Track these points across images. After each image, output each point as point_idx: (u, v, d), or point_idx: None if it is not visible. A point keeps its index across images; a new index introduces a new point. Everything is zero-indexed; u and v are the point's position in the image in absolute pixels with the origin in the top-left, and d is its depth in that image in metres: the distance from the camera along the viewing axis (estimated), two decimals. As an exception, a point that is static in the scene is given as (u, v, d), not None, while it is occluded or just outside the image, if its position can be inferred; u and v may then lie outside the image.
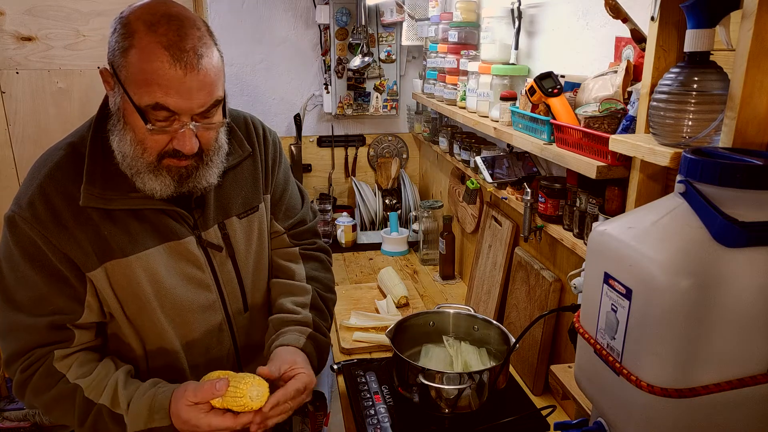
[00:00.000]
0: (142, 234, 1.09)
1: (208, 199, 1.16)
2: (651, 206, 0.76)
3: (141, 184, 1.05)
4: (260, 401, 1.02)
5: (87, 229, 1.04)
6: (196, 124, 1.01)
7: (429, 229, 2.39)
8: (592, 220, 1.22)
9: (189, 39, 0.97)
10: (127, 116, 1.01)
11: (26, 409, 2.60)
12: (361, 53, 2.70)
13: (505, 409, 1.37)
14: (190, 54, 0.96)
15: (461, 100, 1.91)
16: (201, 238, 1.15)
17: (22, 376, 1.06)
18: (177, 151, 1.03)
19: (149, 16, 0.97)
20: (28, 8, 2.31)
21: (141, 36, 0.95)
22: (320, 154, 2.94)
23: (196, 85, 0.97)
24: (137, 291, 1.09)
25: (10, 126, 2.40)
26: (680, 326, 0.64)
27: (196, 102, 0.99)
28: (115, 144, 1.04)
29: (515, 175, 1.62)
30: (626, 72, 1.13)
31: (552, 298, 1.47)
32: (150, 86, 0.96)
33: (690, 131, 0.84)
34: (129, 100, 0.98)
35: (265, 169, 1.29)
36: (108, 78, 1.02)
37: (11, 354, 1.07)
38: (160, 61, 0.94)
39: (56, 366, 1.06)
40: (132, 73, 0.96)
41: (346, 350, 1.73)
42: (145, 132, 1.00)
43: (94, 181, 1.04)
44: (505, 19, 1.66)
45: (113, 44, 0.99)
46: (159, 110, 0.98)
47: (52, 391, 1.06)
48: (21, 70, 2.36)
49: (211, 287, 1.18)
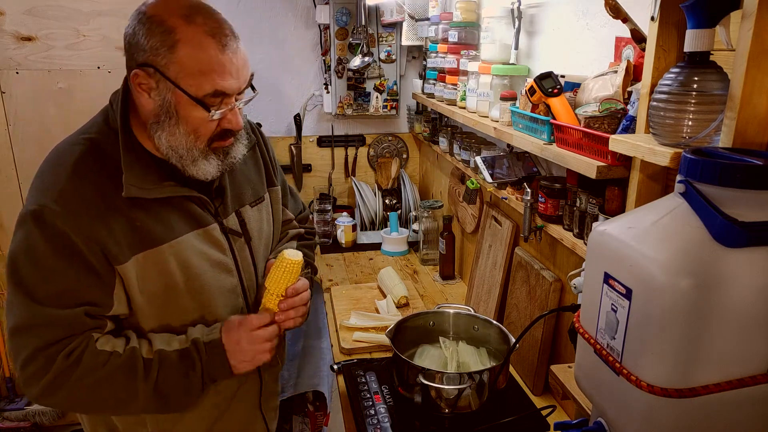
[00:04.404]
0: (174, 222, 1.11)
1: (226, 187, 1.21)
2: (651, 206, 0.76)
3: (194, 170, 1.09)
4: (298, 257, 1.19)
5: (120, 220, 1.05)
6: (239, 101, 1.08)
7: (429, 229, 2.39)
8: (592, 220, 1.23)
9: (222, 23, 1.03)
10: (180, 110, 1.03)
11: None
12: (361, 53, 2.70)
13: (505, 409, 1.37)
14: (230, 37, 1.03)
15: (461, 100, 1.91)
16: (223, 225, 1.19)
17: (66, 362, 1.02)
18: (225, 132, 1.09)
19: (179, 9, 1.00)
20: (28, 8, 2.30)
21: (183, 30, 0.99)
22: (320, 154, 2.94)
23: (241, 64, 1.05)
24: (167, 279, 1.10)
25: (10, 126, 2.40)
26: (680, 326, 0.64)
27: (242, 80, 1.06)
28: (164, 140, 1.06)
29: (515, 175, 1.62)
30: (626, 72, 1.13)
31: (552, 298, 1.47)
32: (207, 75, 1.00)
33: (690, 131, 0.84)
34: (184, 94, 1.01)
35: (268, 161, 1.36)
36: (144, 80, 1.02)
37: (40, 346, 1.02)
38: (212, 49, 1.00)
39: (99, 346, 1.05)
40: (185, 66, 1.00)
41: (346, 350, 1.73)
42: (202, 121, 1.05)
43: (133, 173, 1.06)
44: (505, 19, 1.66)
45: (153, 45, 1.00)
46: (216, 96, 1.03)
47: (107, 367, 1.04)
48: (21, 70, 2.36)
49: (233, 272, 1.22)
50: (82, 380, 1.04)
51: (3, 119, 2.39)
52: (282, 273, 1.18)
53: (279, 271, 1.19)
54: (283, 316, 1.20)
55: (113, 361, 1.05)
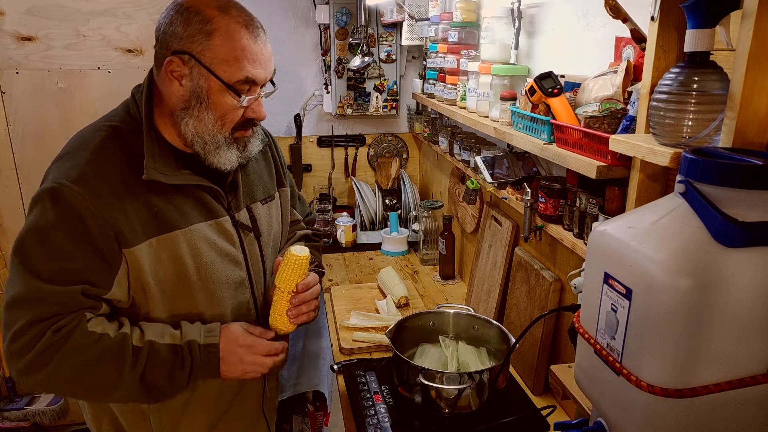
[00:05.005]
0: (189, 210, 1.13)
1: (239, 182, 1.23)
2: (651, 206, 0.76)
3: (216, 158, 1.13)
4: (305, 252, 1.22)
5: (137, 203, 1.07)
6: (263, 91, 1.14)
7: (429, 229, 2.39)
8: (592, 220, 1.23)
9: (253, 17, 1.11)
10: (211, 96, 1.08)
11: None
12: (361, 53, 2.70)
13: (505, 409, 1.37)
14: (260, 29, 1.11)
15: (461, 100, 1.91)
16: (234, 219, 1.21)
17: (54, 337, 1.02)
18: (248, 121, 1.14)
19: (214, 1, 1.07)
20: (28, 8, 2.30)
21: (219, 20, 1.06)
22: (320, 154, 2.94)
23: (268, 56, 1.13)
24: (179, 266, 1.11)
25: (10, 126, 2.40)
26: (680, 326, 0.64)
27: (269, 71, 1.13)
28: (191, 126, 1.10)
29: (515, 175, 1.62)
30: (626, 72, 1.13)
31: (552, 298, 1.47)
32: (240, 62, 1.07)
33: (690, 131, 0.84)
34: (217, 80, 1.07)
35: (278, 162, 1.39)
36: (178, 67, 1.07)
37: (33, 320, 1.02)
38: (246, 38, 1.07)
39: (89, 327, 1.05)
40: (221, 53, 1.06)
41: (346, 350, 1.73)
42: (230, 107, 1.09)
43: (154, 157, 1.09)
44: (505, 19, 1.66)
45: (190, 32, 1.05)
46: (246, 84, 1.09)
47: (96, 348, 1.04)
48: (21, 70, 2.36)
49: (242, 265, 1.23)
50: (69, 359, 1.03)
51: (3, 119, 2.39)
52: (291, 270, 1.20)
53: (288, 267, 1.20)
54: (294, 311, 1.22)
55: (102, 344, 1.04)
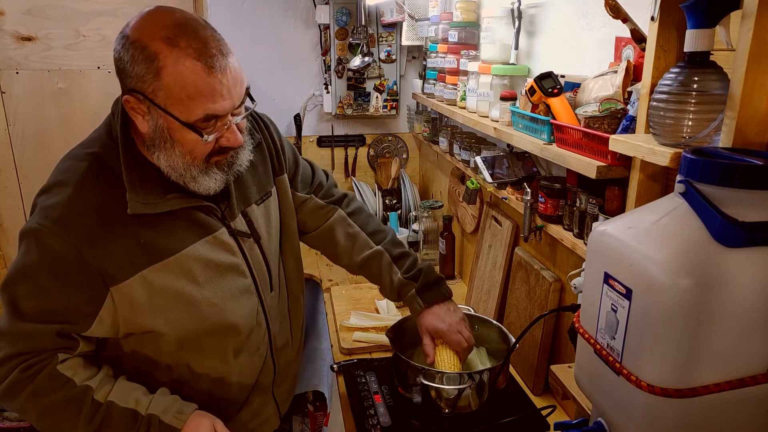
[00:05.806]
0: (182, 232, 1.11)
1: (231, 190, 1.20)
2: (651, 206, 0.76)
3: (195, 186, 1.08)
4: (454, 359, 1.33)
5: (123, 238, 1.04)
6: (235, 117, 1.05)
7: (429, 229, 2.39)
8: (592, 220, 1.23)
9: (209, 42, 0.98)
10: (173, 134, 1.02)
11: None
12: (361, 53, 2.70)
13: (505, 409, 1.37)
14: (218, 57, 0.98)
15: (461, 100, 1.91)
16: (230, 228, 1.19)
17: (21, 375, 1.04)
18: (223, 147, 1.07)
19: (162, 30, 0.96)
20: (28, 8, 2.31)
21: (166, 55, 0.95)
22: (320, 154, 2.93)
23: (232, 83, 1.00)
24: (179, 290, 1.09)
25: (10, 126, 2.40)
26: (680, 326, 0.64)
27: (236, 97, 1.02)
28: (162, 161, 1.05)
29: (515, 175, 1.62)
30: (626, 72, 1.13)
31: (552, 298, 1.47)
32: (196, 100, 0.98)
33: (690, 131, 0.84)
34: (175, 120, 0.99)
35: (274, 152, 1.34)
36: (136, 105, 1.01)
37: (9, 355, 1.05)
38: (197, 73, 0.96)
39: (60, 369, 1.05)
40: (173, 93, 0.97)
41: (346, 350, 1.73)
42: (197, 143, 1.02)
43: (136, 189, 1.05)
44: (505, 19, 1.66)
45: (138, 72, 0.97)
46: (208, 120, 1.01)
47: (58, 394, 1.04)
48: (21, 70, 2.36)
49: (246, 272, 1.22)
50: (32, 399, 1.05)
51: (3, 119, 2.39)
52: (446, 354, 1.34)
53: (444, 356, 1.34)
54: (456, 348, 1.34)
55: (65, 391, 1.05)
